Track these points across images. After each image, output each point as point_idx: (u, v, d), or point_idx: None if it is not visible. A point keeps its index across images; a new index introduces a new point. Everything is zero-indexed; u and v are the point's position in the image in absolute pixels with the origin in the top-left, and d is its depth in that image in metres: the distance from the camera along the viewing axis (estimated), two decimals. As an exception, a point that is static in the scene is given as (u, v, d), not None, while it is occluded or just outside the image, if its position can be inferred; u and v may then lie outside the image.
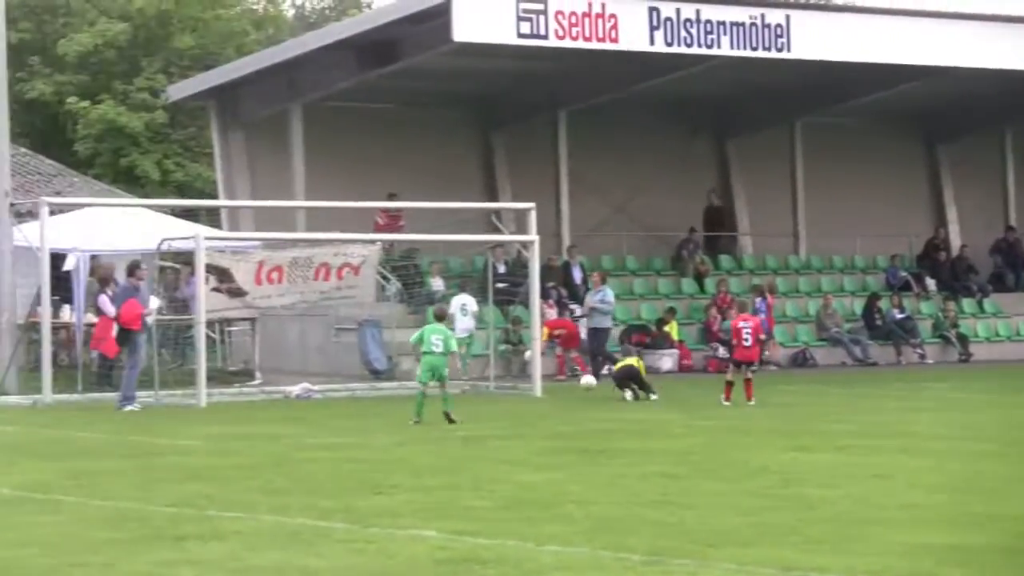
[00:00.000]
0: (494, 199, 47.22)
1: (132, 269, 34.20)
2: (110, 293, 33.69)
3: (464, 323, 40.01)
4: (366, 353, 41.30)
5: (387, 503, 18.63)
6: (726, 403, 31.75)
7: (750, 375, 32.18)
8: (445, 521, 16.83)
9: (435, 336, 27.99)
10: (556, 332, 40.54)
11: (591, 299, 40.88)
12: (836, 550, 15.80)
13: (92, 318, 37.14)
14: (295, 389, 36.07)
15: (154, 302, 34.22)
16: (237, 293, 36.52)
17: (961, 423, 28.91)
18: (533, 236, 38.05)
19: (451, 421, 27.26)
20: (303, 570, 14.55)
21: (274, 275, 37.81)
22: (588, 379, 36.05)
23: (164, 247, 37.48)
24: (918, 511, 18.31)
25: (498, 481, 20.28)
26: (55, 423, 30.57)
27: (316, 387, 37.19)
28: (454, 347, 28.80)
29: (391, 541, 15.72)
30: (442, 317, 29.41)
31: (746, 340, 32.14)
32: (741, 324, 32.37)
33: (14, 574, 15.80)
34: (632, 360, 34.47)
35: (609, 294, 40.72)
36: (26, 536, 17.60)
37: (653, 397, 32.99)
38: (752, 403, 31.72)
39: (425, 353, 27.96)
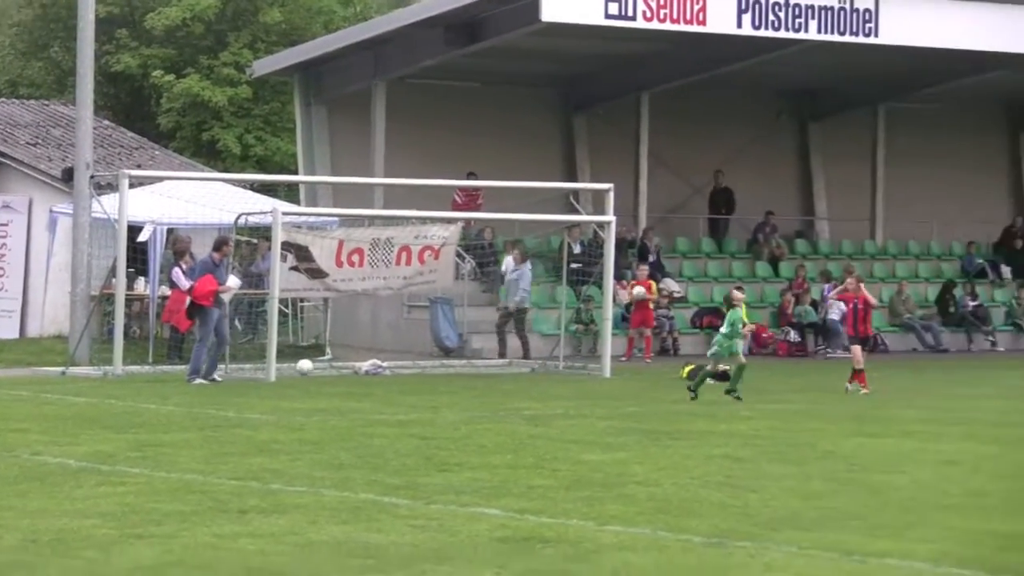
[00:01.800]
0: (573, 179, 48.01)
1: (219, 245, 34.61)
2: (185, 267, 34.25)
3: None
4: (437, 330, 41.90)
5: (451, 480, 18.81)
6: (864, 390, 31.13)
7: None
8: (507, 499, 17.02)
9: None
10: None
11: (509, 275, 41.41)
12: (898, 535, 15.99)
13: (166, 291, 37.83)
14: (364, 365, 36.38)
15: (233, 280, 34.54)
16: (317, 274, 36.74)
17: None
18: (610, 216, 38.50)
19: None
20: (364, 546, 14.72)
21: (355, 258, 38.03)
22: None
23: (241, 222, 38.03)
24: (982, 498, 18.49)
25: (561, 460, 20.48)
26: (124, 395, 30.92)
27: (385, 363, 37.47)
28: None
29: (453, 518, 15.90)
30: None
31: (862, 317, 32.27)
32: (852, 303, 32.46)
33: (76, 545, 15.93)
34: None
35: (528, 274, 41.18)
36: (89, 507, 17.80)
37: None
38: (860, 388, 31.23)
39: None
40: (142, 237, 39.50)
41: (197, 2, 60.40)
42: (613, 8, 40.74)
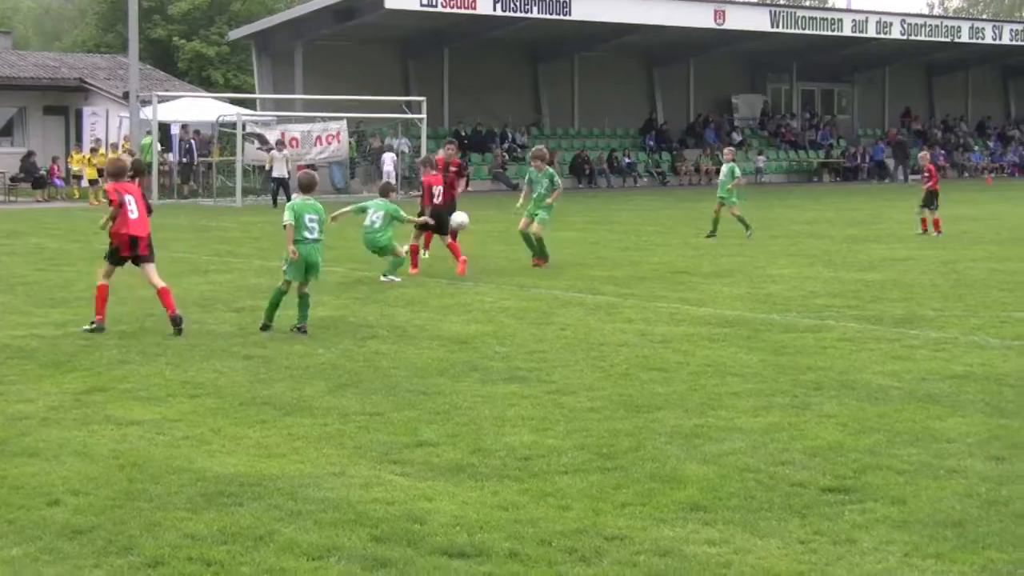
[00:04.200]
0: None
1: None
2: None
3: None
4: (333, 178, 49.24)
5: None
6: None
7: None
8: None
9: (309, 216, 15.96)
10: None
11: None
12: (552, 277, 23.43)
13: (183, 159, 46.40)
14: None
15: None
16: (271, 149, 43.38)
17: None
18: (423, 115, 46.72)
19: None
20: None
21: (293, 143, 45.39)
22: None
23: (220, 120, 46.69)
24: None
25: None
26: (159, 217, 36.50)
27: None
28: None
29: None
30: (310, 186, 16.34)
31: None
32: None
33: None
34: None
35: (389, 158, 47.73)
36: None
37: None
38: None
39: (297, 241, 15.88)
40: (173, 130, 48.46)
41: (197, -3, 72.51)
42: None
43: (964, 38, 66.79)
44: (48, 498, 8.81)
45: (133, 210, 16.14)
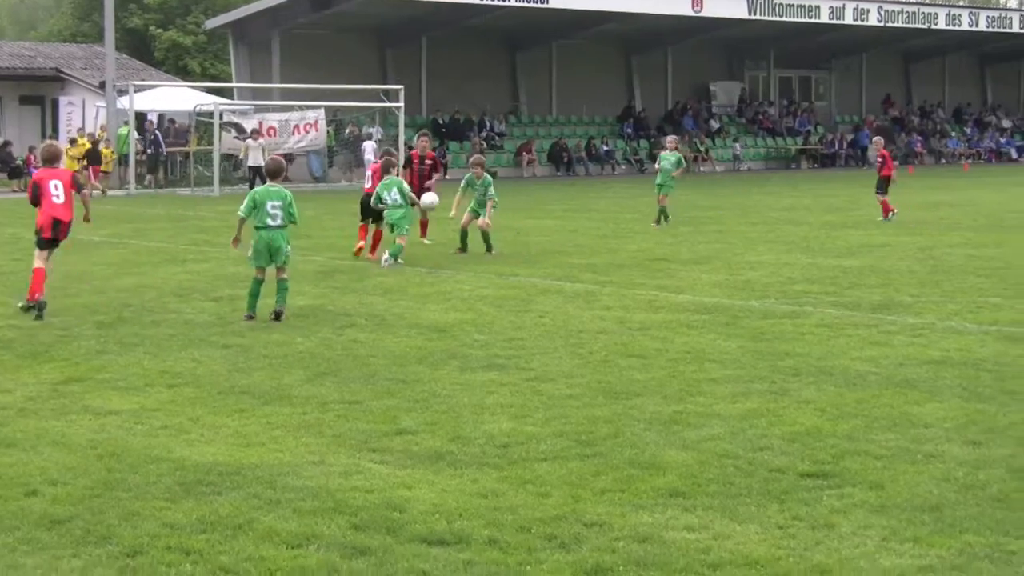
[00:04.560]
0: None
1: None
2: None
3: None
4: (311, 167, 49.17)
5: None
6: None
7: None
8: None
9: (272, 203, 15.94)
10: None
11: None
12: (532, 263, 22.77)
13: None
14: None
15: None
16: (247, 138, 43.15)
17: None
18: (400, 103, 46.54)
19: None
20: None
21: (271, 132, 45.31)
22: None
23: (198, 110, 46.51)
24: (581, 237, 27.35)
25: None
26: (132, 202, 37.68)
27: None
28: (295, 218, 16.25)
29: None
30: (277, 173, 16.32)
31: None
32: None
33: (87, 277, 21.62)
34: None
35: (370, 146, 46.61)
36: (102, 259, 23.01)
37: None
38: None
39: (258, 228, 16.08)
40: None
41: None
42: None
43: (941, 25, 66.92)
44: (26, 488, 8.78)
45: (59, 195, 16.57)
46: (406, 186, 21.94)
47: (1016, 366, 12.96)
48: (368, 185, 23.43)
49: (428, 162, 25.03)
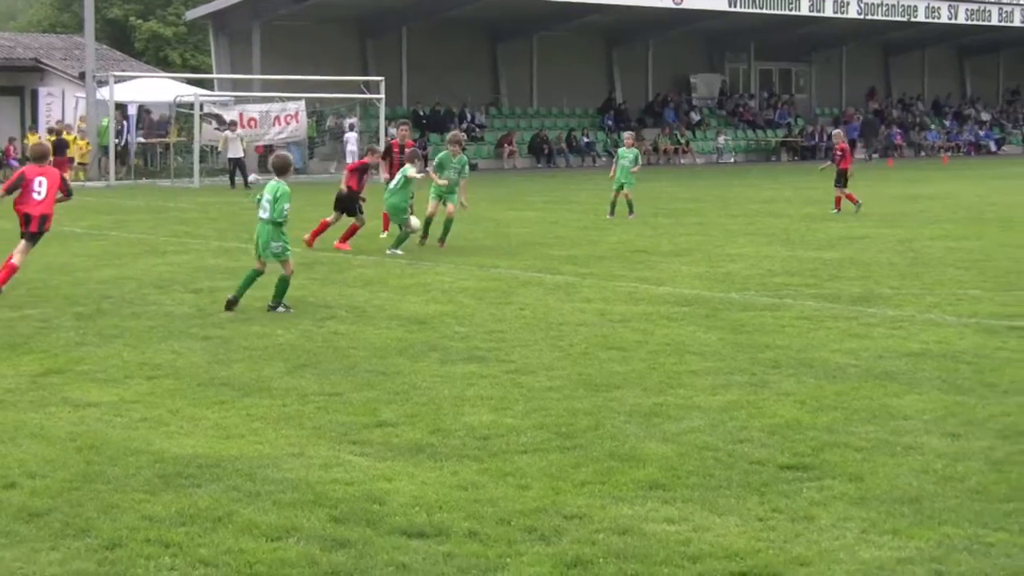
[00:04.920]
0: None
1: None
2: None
3: None
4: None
5: None
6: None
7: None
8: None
9: (267, 196, 15.98)
10: None
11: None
12: (513, 255, 23.04)
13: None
14: (251, 176, 40.92)
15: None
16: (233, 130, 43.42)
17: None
18: (381, 95, 46.74)
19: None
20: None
21: (252, 123, 45.44)
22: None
23: (177, 100, 46.58)
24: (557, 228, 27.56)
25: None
26: (110, 193, 37.37)
27: (261, 176, 41.70)
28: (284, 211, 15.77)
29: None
30: (282, 169, 16.27)
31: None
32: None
33: (68, 268, 20.92)
34: None
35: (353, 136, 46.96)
36: (83, 250, 22.96)
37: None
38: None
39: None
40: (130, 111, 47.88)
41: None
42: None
43: (920, 17, 67.00)
44: (4, 481, 8.73)
45: (41, 192, 17.09)
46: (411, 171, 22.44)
47: (995, 358, 13.00)
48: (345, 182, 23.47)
49: (408, 151, 24.89)
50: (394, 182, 22.80)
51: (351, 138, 47.57)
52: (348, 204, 23.11)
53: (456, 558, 7.32)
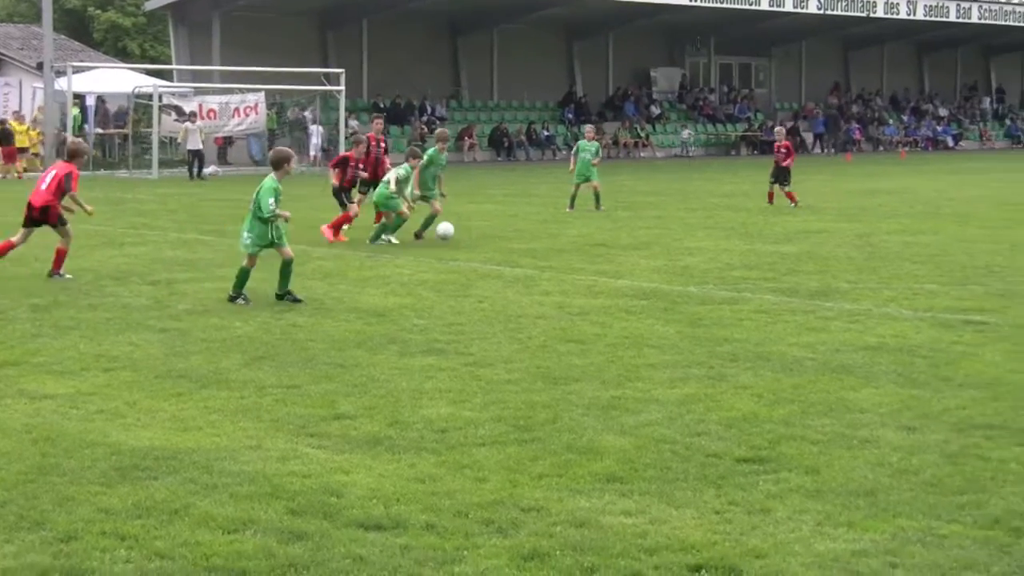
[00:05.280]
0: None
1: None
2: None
3: None
4: (250, 151, 49.44)
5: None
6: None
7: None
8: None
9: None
10: None
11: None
12: (472, 248, 23.17)
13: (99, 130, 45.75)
14: (209, 169, 42.64)
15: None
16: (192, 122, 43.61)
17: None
18: (341, 87, 46.51)
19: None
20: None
21: (211, 114, 45.20)
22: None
23: (136, 92, 46.43)
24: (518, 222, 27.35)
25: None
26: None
27: (220, 168, 43.91)
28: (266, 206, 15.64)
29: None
30: (275, 164, 16.09)
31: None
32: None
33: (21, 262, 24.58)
34: None
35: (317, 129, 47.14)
36: (38, 241, 23.41)
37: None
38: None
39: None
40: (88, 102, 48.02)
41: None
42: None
43: (880, 13, 67.34)
44: (-41, 473, 8.68)
45: (44, 183, 18.19)
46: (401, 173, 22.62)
47: (950, 352, 13.08)
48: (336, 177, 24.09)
49: (383, 145, 25.00)
50: (391, 181, 22.61)
51: (315, 130, 47.47)
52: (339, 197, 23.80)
53: (413, 550, 7.31)
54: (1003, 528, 7.72)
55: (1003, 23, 73.33)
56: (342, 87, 47.25)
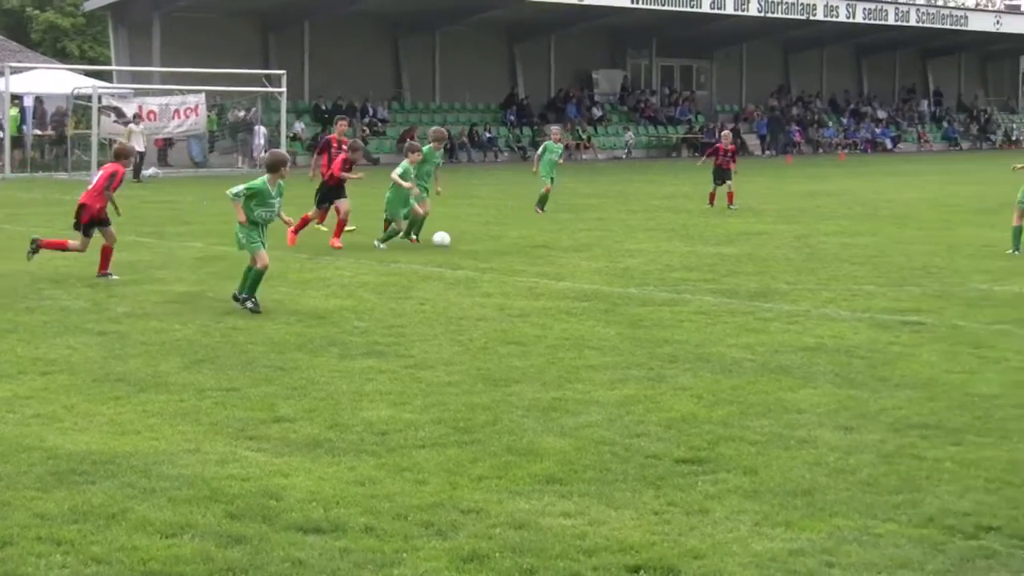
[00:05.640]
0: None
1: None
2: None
3: None
4: (191, 152, 49.01)
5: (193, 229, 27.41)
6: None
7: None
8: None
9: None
10: None
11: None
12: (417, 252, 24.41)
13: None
14: (148, 171, 42.53)
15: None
16: (128, 123, 43.22)
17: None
18: (283, 88, 46.36)
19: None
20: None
21: (151, 116, 45.02)
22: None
23: (75, 93, 45.80)
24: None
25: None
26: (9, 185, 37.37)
27: (160, 170, 43.97)
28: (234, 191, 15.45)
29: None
30: (270, 167, 15.77)
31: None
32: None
33: None
34: None
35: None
36: None
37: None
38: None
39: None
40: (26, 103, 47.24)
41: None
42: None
43: (819, 16, 67.82)
44: None
45: (91, 183, 18.89)
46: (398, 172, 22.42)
47: (887, 352, 13.20)
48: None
49: (345, 147, 24.87)
50: (394, 182, 22.35)
51: (260, 131, 47.31)
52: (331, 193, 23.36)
53: (352, 553, 7.30)
54: (937, 526, 7.81)
55: (940, 27, 74.04)
56: (283, 89, 47.03)
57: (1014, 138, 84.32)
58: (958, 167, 57.43)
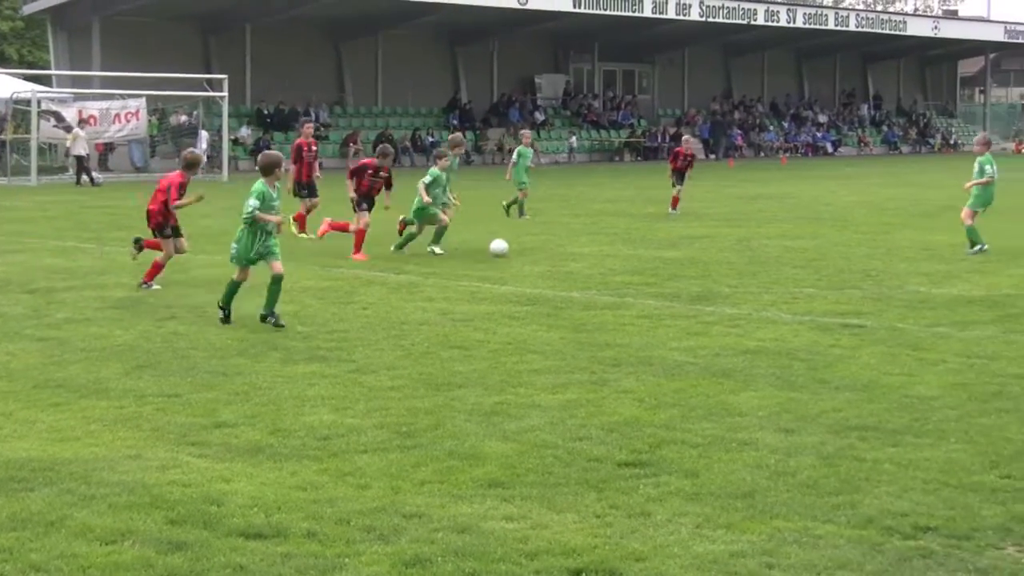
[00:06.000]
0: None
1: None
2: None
3: None
4: (132, 157, 49.02)
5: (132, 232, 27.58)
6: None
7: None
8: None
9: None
10: None
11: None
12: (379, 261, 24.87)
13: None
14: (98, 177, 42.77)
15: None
16: (69, 129, 43.54)
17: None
18: (224, 93, 46.09)
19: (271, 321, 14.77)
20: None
21: (92, 120, 44.80)
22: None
23: (14, 97, 45.69)
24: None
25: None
26: None
27: (101, 175, 43.87)
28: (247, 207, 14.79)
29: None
30: (264, 169, 15.20)
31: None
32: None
33: None
34: None
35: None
36: None
37: None
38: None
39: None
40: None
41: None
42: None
43: (760, 21, 68.28)
44: None
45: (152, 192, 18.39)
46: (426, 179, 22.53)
47: (828, 355, 13.29)
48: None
49: (314, 149, 24.95)
50: (421, 190, 22.38)
51: (203, 136, 47.12)
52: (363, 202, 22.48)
53: (294, 558, 7.29)
54: (876, 527, 7.88)
55: (880, 31, 74.71)
56: (225, 93, 46.88)
57: (952, 142, 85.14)
58: (897, 170, 57.91)
